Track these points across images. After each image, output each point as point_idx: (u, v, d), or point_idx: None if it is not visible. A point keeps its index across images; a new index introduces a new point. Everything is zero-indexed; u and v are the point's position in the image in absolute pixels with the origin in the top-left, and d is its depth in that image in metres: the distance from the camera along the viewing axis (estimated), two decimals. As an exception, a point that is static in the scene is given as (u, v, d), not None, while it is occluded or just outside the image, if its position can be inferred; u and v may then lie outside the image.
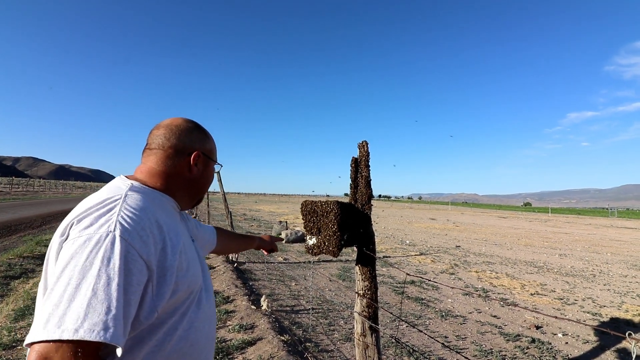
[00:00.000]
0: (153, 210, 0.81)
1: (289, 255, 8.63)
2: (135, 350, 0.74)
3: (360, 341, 2.06)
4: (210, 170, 1.06)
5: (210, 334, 0.97)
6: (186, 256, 0.86)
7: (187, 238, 0.94)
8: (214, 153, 1.07)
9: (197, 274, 0.91)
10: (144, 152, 0.98)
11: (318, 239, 2.05)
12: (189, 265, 0.86)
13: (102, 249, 0.68)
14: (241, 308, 4.09)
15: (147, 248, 0.73)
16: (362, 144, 2.19)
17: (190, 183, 0.99)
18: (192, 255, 0.92)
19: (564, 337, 4.21)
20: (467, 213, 44.31)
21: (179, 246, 0.83)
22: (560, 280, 7.33)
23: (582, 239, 15.94)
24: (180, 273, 0.81)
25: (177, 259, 0.80)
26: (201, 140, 1.02)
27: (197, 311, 0.89)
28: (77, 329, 0.60)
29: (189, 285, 0.84)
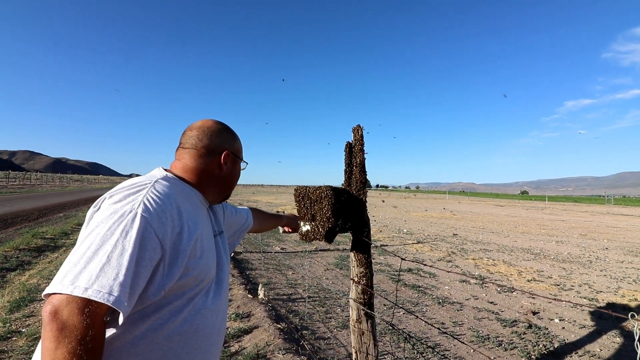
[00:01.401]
0: (177, 198, 0.88)
1: (286, 244, 8.63)
2: (139, 323, 0.79)
3: (355, 328, 2.04)
4: (238, 168, 1.15)
5: (217, 326, 0.99)
6: (201, 245, 0.90)
7: (207, 230, 0.99)
8: (241, 152, 1.16)
9: (210, 265, 0.95)
10: (178, 150, 1.08)
11: (312, 225, 2.01)
12: (203, 254, 0.91)
13: (123, 222, 0.75)
14: (238, 297, 4.08)
15: (164, 229, 0.80)
16: (356, 128, 2.14)
17: (220, 180, 1.08)
18: (209, 246, 0.97)
19: (560, 322, 4.22)
20: (464, 202, 44.47)
21: (196, 234, 0.88)
22: (557, 266, 7.36)
23: (578, 226, 16.02)
24: (192, 259, 0.86)
25: (191, 244, 0.85)
26: (230, 141, 1.11)
27: (205, 300, 0.93)
28: (87, 288, 0.67)
29: (199, 272, 0.89)
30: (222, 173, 1.07)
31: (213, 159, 1.05)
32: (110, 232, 0.73)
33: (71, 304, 0.66)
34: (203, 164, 1.04)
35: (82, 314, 0.66)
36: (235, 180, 1.15)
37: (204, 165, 1.04)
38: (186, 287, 0.86)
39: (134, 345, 0.78)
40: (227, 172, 1.09)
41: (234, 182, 1.15)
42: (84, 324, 0.66)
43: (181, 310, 0.86)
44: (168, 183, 0.90)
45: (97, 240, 0.73)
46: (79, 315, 0.66)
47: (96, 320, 0.68)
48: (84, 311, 0.66)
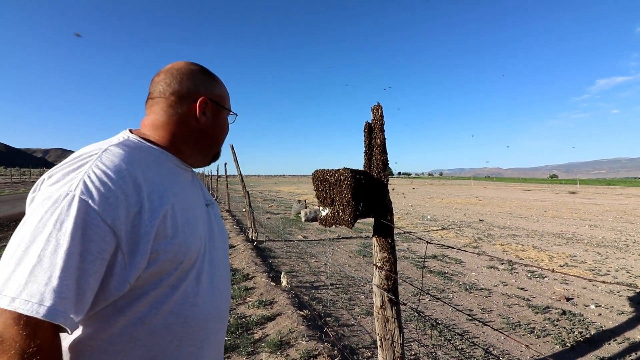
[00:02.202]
0: (133, 168, 0.70)
1: (309, 233, 8.62)
2: (115, 319, 0.68)
3: (380, 314, 1.97)
4: (222, 120, 0.93)
5: (214, 312, 0.85)
6: (174, 221, 0.73)
7: (189, 200, 0.82)
8: (225, 100, 0.94)
9: (191, 243, 0.77)
10: (147, 102, 0.88)
11: (332, 209, 1.94)
12: (178, 232, 0.74)
13: (57, 210, 0.60)
14: (260, 285, 4.09)
15: (114, 211, 0.64)
16: (376, 107, 2.04)
17: (199, 134, 0.88)
18: (191, 220, 0.79)
19: (596, 308, 4.02)
20: (490, 187, 43.35)
21: (163, 209, 0.71)
22: (591, 251, 7.03)
23: (613, 209, 15.30)
24: (162, 241, 0.70)
25: (156, 224, 0.69)
26: (208, 84, 0.89)
27: (195, 286, 0.79)
28: (15, 298, 0.55)
29: (175, 254, 0.73)
30: (199, 125, 0.87)
31: (186, 108, 0.85)
32: (42, 224, 0.59)
33: (3, 316, 0.55)
34: (174, 116, 0.85)
35: (18, 325, 0.55)
36: (222, 134, 0.94)
37: (176, 117, 0.85)
38: (162, 273, 0.72)
39: (112, 344, 0.68)
40: (207, 124, 0.88)
41: (220, 137, 0.94)
42: (24, 335, 0.55)
43: (164, 300, 0.73)
44: (122, 150, 0.72)
45: (27, 235, 0.59)
46: (14, 326, 0.55)
47: (39, 328, 0.57)
48: (19, 322, 0.55)
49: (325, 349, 2.60)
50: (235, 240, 6.83)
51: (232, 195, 16.59)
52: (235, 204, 15.43)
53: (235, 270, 4.80)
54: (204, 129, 0.88)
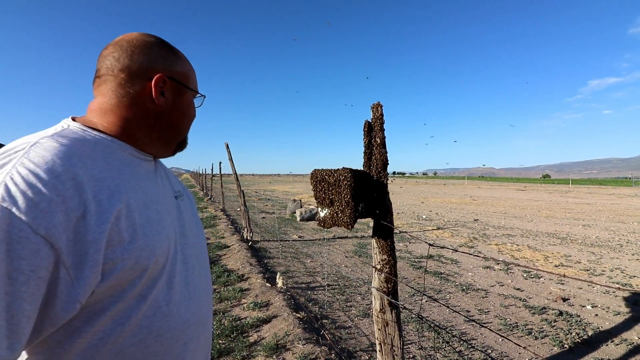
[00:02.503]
0: (71, 164, 0.57)
1: (304, 232, 8.57)
2: (67, 344, 0.58)
3: (379, 318, 1.93)
4: (185, 102, 0.79)
5: (191, 318, 0.74)
6: (131, 222, 0.62)
7: (149, 196, 0.69)
8: (189, 78, 0.79)
9: (158, 244, 0.66)
10: (94, 82, 0.74)
11: (330, 210, 1.89)
12: (137, 234, 0.62)
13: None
14: (256, 286, 4.02)
15: (48, 219, 0.52)
16: (375, 106, 1.99)
17: (157, 119, 0.74)
18: (153, 219, 0.67)
19: (593, 309, 4.01)
20: (484, 187, 43.60)
21: (115, 210, 0.59)
22: (586, 251, 7.06)
23: (605, 209, 15.43)
24: (117, 247, 0.59)
25: (107, 229, 0.57)
26: (166, 60, 0.75)
27: (167, 292, 0.68)
28: None
29: (136, 261, 0.61)
30: (157, 108, 0.73)
31: (139, 88, 0.71)
32: None
33: None
34: (126, 98, 0.71)
35: None
36: (184, 119, 0.79)
37: (127, 98, 0.71)
38: (123, 284, 0.61)
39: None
40: (167, 106, 0.74)
41: (183, 122, 0.79)
42: None
43: (130, 314, 0.62)
44: (57, 143, 0.59)
45: None
46: None
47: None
48: None
49: (323, 353, 2.55)
50: (229, 240, 6.75)
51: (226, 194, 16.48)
52: (229, 203, 15.32)
53: (230, 271, 4.73)
54: (163, 112, 0.74)
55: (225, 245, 6.38)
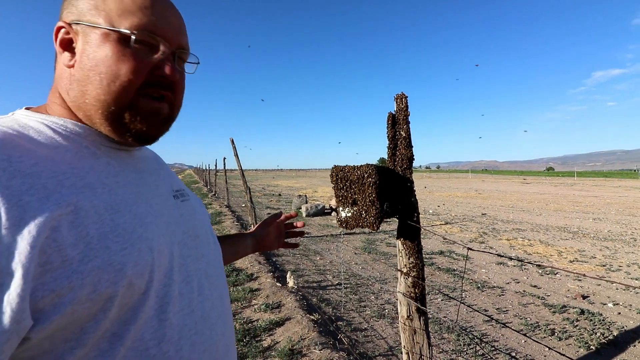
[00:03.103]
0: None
1: (311, 229, 8.45)
2: None
3: (406, 325, 1.79)
4: (100, 49, 0.51)
5: (198, 357, 0.55)
6: (82, 233, 0.44)
7: (120, 195, 0.51)
8: (101, 11, 0.52)
9: (132, 261, 0.47)
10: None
11: (353, 210, 1.75)
12: (95, 249, 0.44)
13: None
14: (266, 286, 3.91)
15: None
16: (399, 96, 1.83)
17: (72, 83, 0.53)
18: (123, 225, 0.48)
19: (615, 307, 3.88)
20: (488, 180, 43.33)
21: (51, 216, 0.42)
22: (599, 245, 6.90)
23: (614, 202, 15.22)
24: (59, 271, 0.41)
25: (36, 244, 0.39)
26: (72, 2, 0.54)
27: (158, 326, 0.50)
28: None
29: (95, 287, 0.43)
30: (74, 71, 0.53)
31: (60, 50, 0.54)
32: None
33: None
34: (56, 70, 0.56)
35: None
36: (99, 74, 0.51)
37: (55, 66, 0.56)
38: (80, 322, 0.43)
39: None
40: (80, 66, 0.52)
41: (98, 78, 0.51)
42: None
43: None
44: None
45: None
46: None
47: None
48: None
49: (341, 359, 2.43)
50: (236, 238, 6.64)
51: (230, 190, 16.37)
52: (234, 199, 15.22)
53: (238, 270, 4.62)
54: (75, 72, 0.52)
55: (232, 243, 6.27)
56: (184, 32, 0.59)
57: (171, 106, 0.58)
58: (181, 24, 0.59)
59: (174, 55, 0.57)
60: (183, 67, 0.61)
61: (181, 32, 0.58)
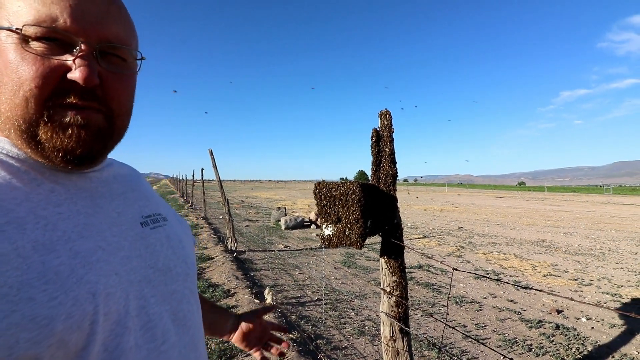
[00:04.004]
0: None
1: (290, 242, 8.34)
2: None
3: (389, 346, 1.75)
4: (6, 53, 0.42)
5: None
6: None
7: (59, 230, 0.41)
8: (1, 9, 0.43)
9: (64, 313, 0.37)
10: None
11: (337, 228, 1.71)
12: (13, 301, 0.35)
13: None
14: (244, 302, 3.78)
15: None
16: (384, 113, 1.83)
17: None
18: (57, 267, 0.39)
19: (588, 321, 3.96)
20: (463, 194, 44.32)
21: None
22: (571, 259, 7.11)
23: (583, 217, 15.82)
24: None
25: None
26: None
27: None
28: None
29: (12, 350, 0.34)
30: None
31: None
32: None
33: None
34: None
35: None
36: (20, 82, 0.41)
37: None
38: None
39: None
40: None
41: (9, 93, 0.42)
42: None
43: None
44: None
45: None
46: None
47: None
48: None
49: (321, 380, 2.35)
50: (213, 251, 6.45)
51: (208, 201, 16.01)
52: (212, 210, 14.90)
53: (215, 285, 4.47)
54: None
55: (208, 257, 6.08)
56: (115, 21, 0.47)
57: (108, 117, 0.47)
58: (108, 10, 0.46)
59: (96, 53, 0.45)
60: (124, 66, 0.49)
61: (107, 21, 0.46)
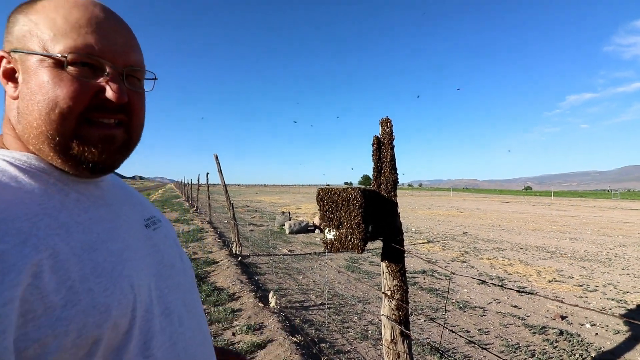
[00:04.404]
0: None
1: (294, 246, 8.38)
2: None
3: (390, 349, 1.78)
4: (44, 76, 0.48)
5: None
6: (63, 277, 0.42)
7: (94, 233, 0.49)
8: (34, 36, 0.49)
9: (115, 299, 0.46)
10: None
11: (339, 232, 1.75)
12: (77, 292, 0.42)
13: None
14: (248, 306, 3.83)
15: None
16: (385, 121, 1.88)
17: (24, 118, 0.50)
18: (102, 264, 0.47)
19: (592, 327, 3.95)
20: (469, 199, 44.09)
21: (30, 263, 0.40)
22: (576, 265, 7.07)
23: (589, 222, 15.69)
24: (42, 319, 0.39)
25: (16, 296, 0.37)
26: (8, 29, 0.52)
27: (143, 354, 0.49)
28: None
29: (81, 330, 0.41)
30: (19, 102, 0.50)
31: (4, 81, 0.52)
32: None
33: None
34: (5, 96, 0.53)
35: None
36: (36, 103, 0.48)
37: (6, 97, 0.53)
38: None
39: None
40: (22, 96, 0.50)
41: (35, 108, 0.48)
42: None
43: None
44: None
45: None
46: None
47: None
48: None
49: (324, 383, 2.38)
50: (218, 255, 6.51)
51: (213, 206, 16.12)
52: (216, 214, 15.00)
53: (219, 289, 4.52)
54: (20, 102, 0.50)
55: (213, 261, 6.14)
56: (134, 49, 0.56)
57: (128, 130, 0.55)
58: (129, 40, 0.55)
59: (122, 75, 0.53)
60: (139, 85, 0.58)
61: (129, 49, 0.54)
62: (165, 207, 18.56)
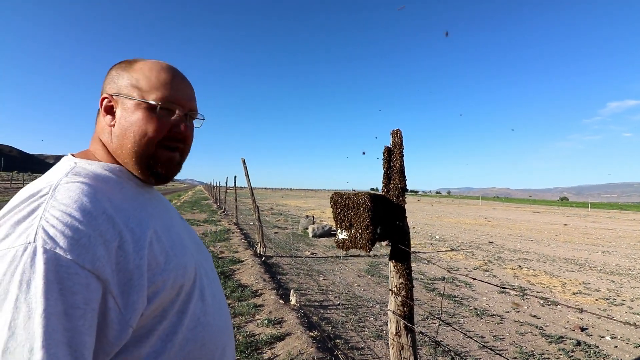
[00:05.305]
0: (98, 198, 0.61)
1: (317, 249, 8.58)
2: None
3: (394, 342, 1.95)
4: (134, 115, 0.72)
5: (222, 325, 0.80)
6: (162, 246, 0.67)
7: (165, 219, 0.76)
8: (136, 89, 0.73)
9: (186, 262, 0.72)
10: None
11: (349, 233, 1.94)
12: (169, 256, 0.68)
13: (19, 268, 0.49)
14: (269, 302, 4.06)
15: (91, 253, 0.54)
16: (395, 132, 2.06)
17: (118, 140, 0.73)
18: (174, 239, 0.73)
19: (612, 340, 3.91)
20: (499, 208, 42.83)
21: (147, 236, 0.64)
22: (605, 279, 6.87)
23: (627, 235, 14.99)
24: (156, 270, 0.64)
25: (145, 255, 0.62)
26: (115, 77, 0.75)
27: (201, 304, 0.73)
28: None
29: (175, 279, 0.67)
30: (114, 129, 0.73)
31: (101, 111, 0.76)
32: (3, 290, 0.49)
33: None
34: (98, 125, 0.77)
35: None
36: (132, 134, 0.72)
37: (99, 125, 0.77)
38: (164, 303, 0.65)
39: None
40: (117, 124, 0.73)
41: (131, 136, 0.72)
42: None
43: (175, 330, 0.66)
44: (78, 182, 0.62)
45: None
46: None
47: None
48: None
49: (336, 373, 2.56)
50: (243, 255, 6.81)
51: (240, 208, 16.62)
52: (243, 216, 15.46)
53: (244, 286, 4.78)
54: (119, 133, 0.73)
55: (239, 260, 6.45)
56: (194, 98, 0.81)
57: (182, 154, 0.80)
58: (192, 93, 0.81)
59: (186, 116, 0.78)
60: (192, 124, 0.82)
61: (192, 99, 0.80)
62: (194, 209, 19.30)
